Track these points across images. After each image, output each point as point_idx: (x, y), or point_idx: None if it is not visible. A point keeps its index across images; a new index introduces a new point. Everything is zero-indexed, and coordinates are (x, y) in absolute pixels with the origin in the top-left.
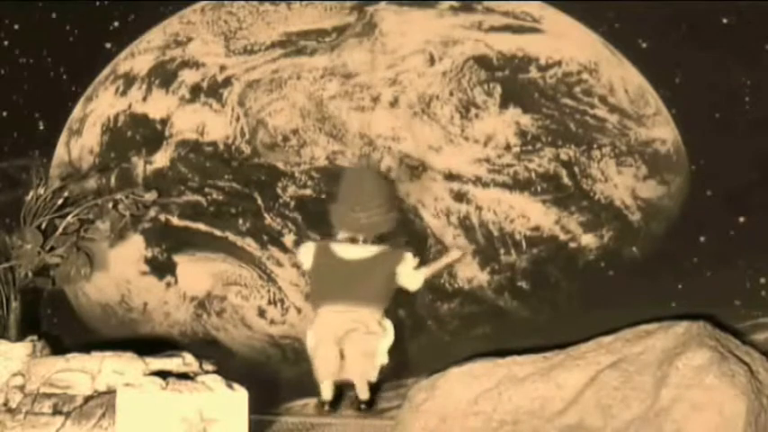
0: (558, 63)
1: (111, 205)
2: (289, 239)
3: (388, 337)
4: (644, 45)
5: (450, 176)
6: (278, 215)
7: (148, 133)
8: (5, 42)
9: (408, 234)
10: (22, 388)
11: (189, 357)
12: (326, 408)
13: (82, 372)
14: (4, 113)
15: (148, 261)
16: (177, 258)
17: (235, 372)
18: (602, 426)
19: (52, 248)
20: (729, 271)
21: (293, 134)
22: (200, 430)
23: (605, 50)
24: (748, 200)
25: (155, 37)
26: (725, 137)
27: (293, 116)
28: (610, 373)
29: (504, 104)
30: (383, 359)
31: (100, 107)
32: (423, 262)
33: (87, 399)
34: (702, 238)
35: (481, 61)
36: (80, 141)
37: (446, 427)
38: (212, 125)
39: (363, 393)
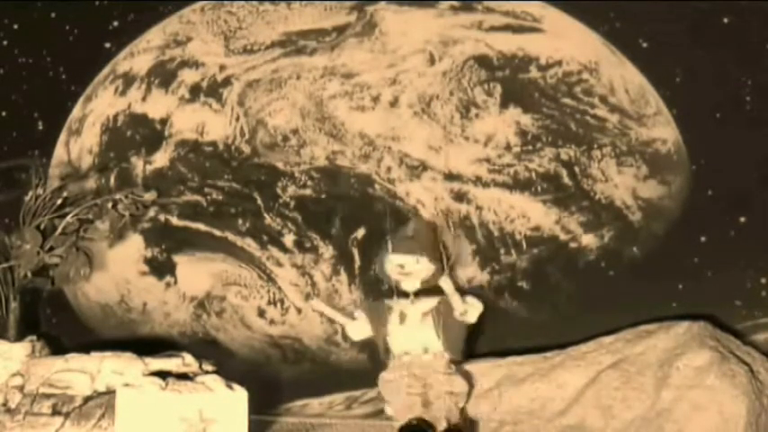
0: (559, 63)
1: (110, 205)
2: (289, 239)
3: None
4: (645, 45)
5: (451, 176)
6: (278, 215)
7: (148, 133)
8: (5, 42)
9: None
10: (21, 388)
11: (188, 358)
12: None
13: (81, 372)
14: (4, 113)
15: (148, 261)
16: (177, 258)
17: (234, 372)
18: (602, 426)
19: (51, 248)
20: (730, 271)
21: (293, 134)
22: (200, 430)
23: (606, 50)
24: (749, 200)
25: (154, 37)
26: (726, 136)
27: (293, 116)
28: (610, 374)
29: (504, 104)
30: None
31: (99, 107)
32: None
33: (87, 399)
34: (703, 238)
35: (481, 61)
36: (79, 141)
37: None
38: (212, 125)
39: None
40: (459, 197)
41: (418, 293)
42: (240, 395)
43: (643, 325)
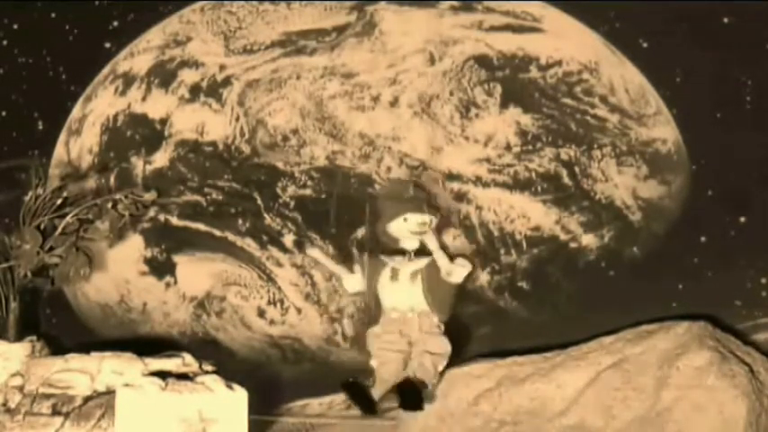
0: (559, 63)
1: (110, 205)
2: (289, 239)
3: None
4: (645, 44)
5: (451, 176)
6: (278, 215)
7: (148, 133)
8: (4, 42)
9: None
10: (20, 388)
11: (188, 358)
12: None
13: (81, 372)
14: (3, 113)
15: (148, 261)
16: (177, 258)
17: (234, 372)
18: (602, 426)
19: (51, 248)
20: (730, 271)
21: (293, 134)
22: (200, 430)
23: (606, 50)
24: (749, 200)
25: (154, 36)
26: (726, 136)
27: (293, 116)
28: (610, 374)
29: (504, 104)
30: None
31: (99, 107)
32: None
33: (86, 399)
34: (703, 238)
35: (481, 61)
36: (79, 141)
37: (446, 427)
38: (212, 125)
39: None
40: (459, 197)
41: (417, 252)
42: (240, 395)
43: (643, 325)
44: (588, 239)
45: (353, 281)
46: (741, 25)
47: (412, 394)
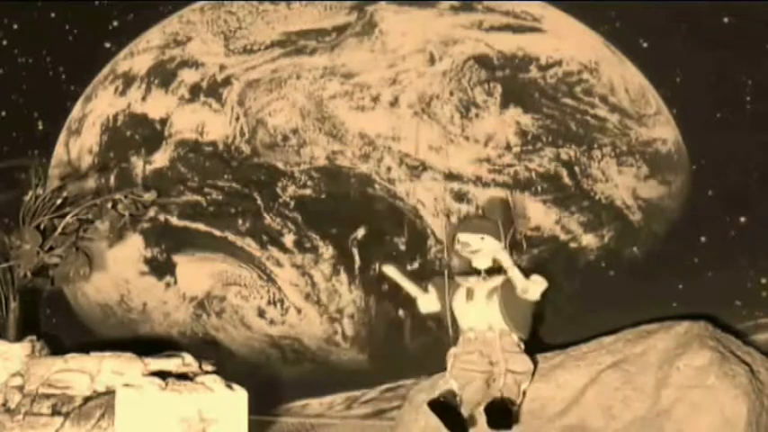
0: (559, 62)
1: (110, 205)
2: (288, 239)
3: None
4: (645, 44)
5: (451, 176)
6: (278, 215)
7: (148, 133)
8: (4, 42)
9: (408, 234)
10: (20, 388)
11: (188, 358)
12: None
13: (81, 372)
14: (3, 113)
15: (148, 261)
16: (177, 258)
17: (234, 372)
18: (602, 426)
19: (51, 248)
20: (730, 271)
21: (293, 134)
22: (200, 430)
23: (606, 50)
24: (749, 200)
25: (154, 36)
26: (726, 136)
27: (293, 116)
28: (610, 374)
29: (504, 104)
30: None
31: (99, 107)
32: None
33: (86, 399)
34: (703, 238)
35: (481, 61)
36: (79, 141)
37: None
38: (212, 125)
39: None
40: (460, 197)
41: (490, 271)
42: (240, 395)
43: (643, 325)
44: (588, 239)
45: (427, 300)
46: (741, 25)
47: (501, 413)
